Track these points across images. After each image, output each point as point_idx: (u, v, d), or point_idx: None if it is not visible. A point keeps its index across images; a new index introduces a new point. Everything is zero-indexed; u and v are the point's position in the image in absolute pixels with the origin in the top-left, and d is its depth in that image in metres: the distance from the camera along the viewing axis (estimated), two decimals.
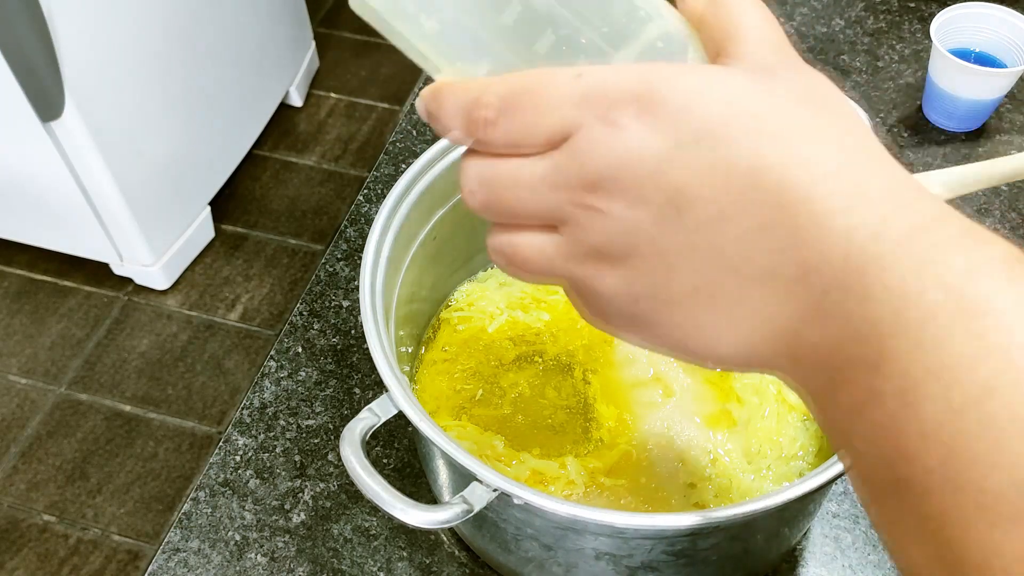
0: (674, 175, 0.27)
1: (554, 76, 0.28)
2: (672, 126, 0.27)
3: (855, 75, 0.96)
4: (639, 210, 0.28)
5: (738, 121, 0.27)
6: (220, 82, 1.81)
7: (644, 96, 0.27)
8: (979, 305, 0.24)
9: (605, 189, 0.28)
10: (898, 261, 0.25)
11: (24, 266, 1.88)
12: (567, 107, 0.28)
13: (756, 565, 0.60)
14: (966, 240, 0.25)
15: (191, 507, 0.68)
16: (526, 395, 0.65)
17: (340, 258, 0.82)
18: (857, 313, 0.25)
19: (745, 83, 0.28)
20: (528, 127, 0.28)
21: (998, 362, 0.23)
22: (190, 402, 1.68)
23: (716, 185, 0.27)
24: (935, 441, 0.24)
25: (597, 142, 0.28)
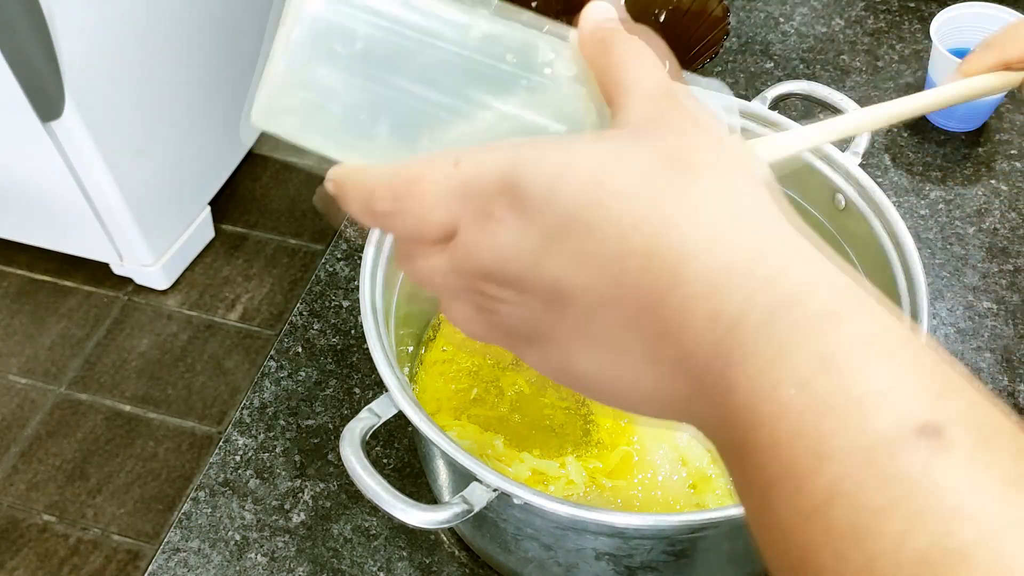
0: (549, 267, 0.27)
1: (433, 164, 0.29)
2: (540, 217, 0.27)
3: (855, 75, 0.96)
4: (528, 300, 0.28)
5: (600, 205, 0.27)
6: (220, 82, 1.81)
7: (511, 187, 0.27)
8: (827, 402, 0.23)
9: (495, 280, 0.28)
10: (756, 350, 0.24)
11: (24, 266, 1.88)
12: (449, 201, 0.28)
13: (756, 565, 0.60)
14: (826, 319, 0.24)
15: (191, 507, 0.68)
16: (526, 395, 0.65)
17: (340, 258, 0.82)
18: (726, 403, 0.25)
19: (609, 156, 0.27)
20: (420, 223, 0.29)
21: (840, 467, 0.23)
22: (190, 402, 1.68)
23: (589, 274, 0.27)
24: (791, 543, 0.24)
25: (479, 239, 0.28)
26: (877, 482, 0.22)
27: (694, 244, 0.26)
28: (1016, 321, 0.77)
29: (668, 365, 0.27)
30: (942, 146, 0.90)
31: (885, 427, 0.23)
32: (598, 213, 0.26)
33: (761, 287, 0.25)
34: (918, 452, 0.22)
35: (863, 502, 0.22)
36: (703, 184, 0.27)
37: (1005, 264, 0.81)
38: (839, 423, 0.23)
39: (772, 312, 0.25)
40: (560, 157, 0.28)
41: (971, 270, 0.80)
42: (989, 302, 0.78)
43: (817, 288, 0.25)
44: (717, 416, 0.26)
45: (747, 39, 1.00)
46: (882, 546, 0.22)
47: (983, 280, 0.80)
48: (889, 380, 0.23)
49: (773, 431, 0.24)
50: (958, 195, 0.85)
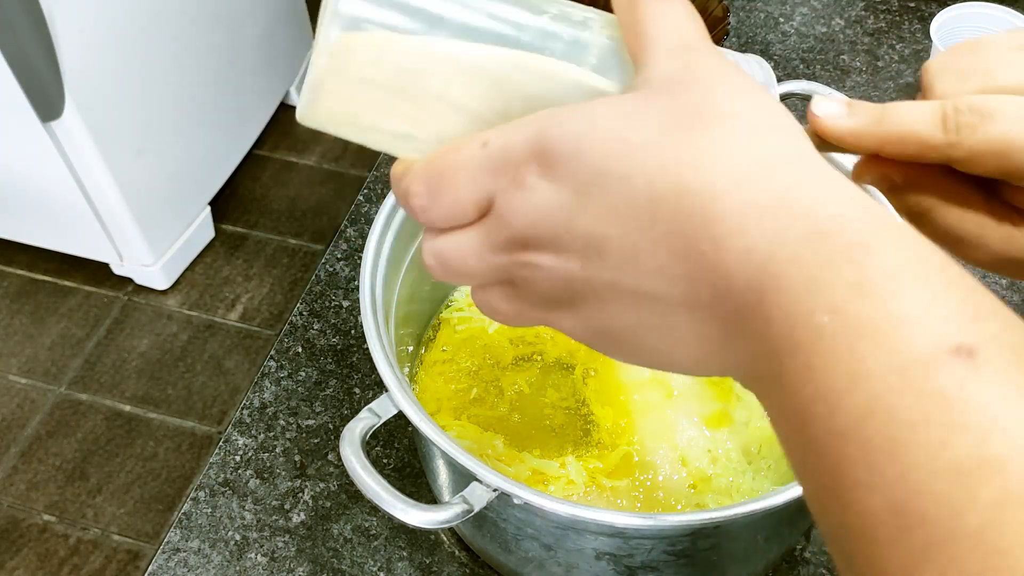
0: (583, 222, 0.28)
1: (462, 152, 0.30)
2: (570, 175, 0.28)
3: (855, 75, 0.96)
4: (566, 259, 0.29)
5: (628, 155, 0.27)
6: (220, 82, 1.81)
7: (540, 152, 0.28)
8: (862, 326, 0.24)
9: (532, 246, 0.29)
10: (790, 281, 0.25)
11: (24, 266, 1.88)
12: (481, 178, 0.29)
13: (756, 565, 0.60)
14: (858, 249, 0.25)
15: (191, 507, 0.68)
16: (526, 395, 0.65)
17: (340, 258, 0.82)
18: (762, 333, 0.26)
19: (633, 110, 0.28)
20: (455, 205, 0.30)
21: (875, 386, 0.23)
22: (190, 402, 1.68)
23: (622, 224, 0.27)
24: (826, 462, 0.24)
25: (513, 205, 0.29)
26: (912, 398, 0.23)
27: (722, 184, 0.26)
28: None
29: (704, 307, 0.27)
30: None
31: (919, 348, 0.23)
32: (625, 163, 0.27)
33: (793, 222, 0.26)
34: (953, 370, 0.23)
35: (898, 417, 0.23)
36: (727, 129, 0.27)
37: None
38: (873, 345, 0.24)
39: (805, 244, 0.25)
40: (584, 116, 0.28)
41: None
42: None
43: (849, 220, 0.26)
44: (752, 350, 0.26)
45: (747, 39, 1.00)
46: (917, 458, 0.22)
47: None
48: (923, 304, 0.24)
49: (808, 356, 0.24)
50: None
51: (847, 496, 0.24)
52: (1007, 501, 0.21)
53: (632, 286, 0.28)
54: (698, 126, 0.27)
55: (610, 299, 0.29)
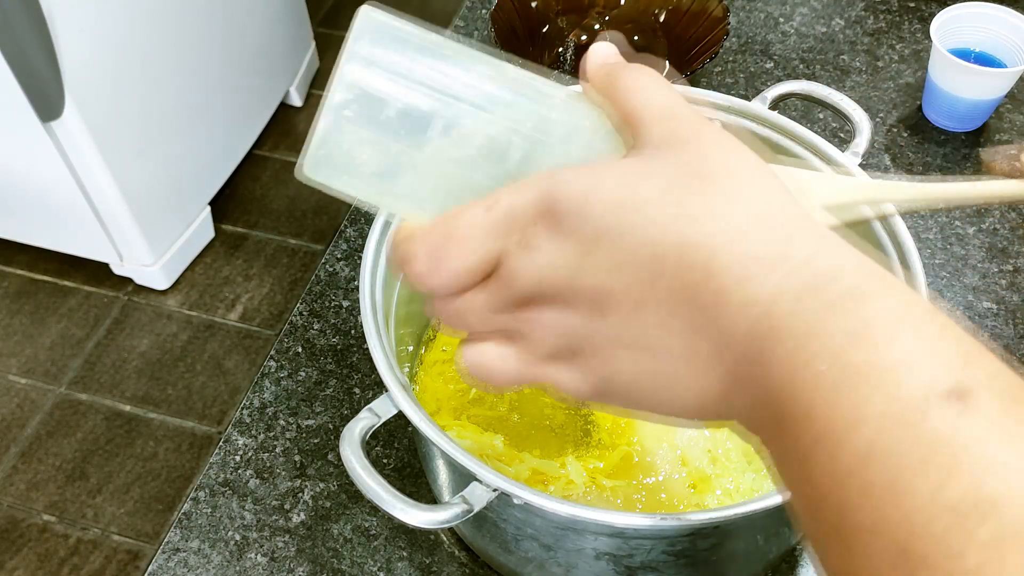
0: (587, 278, 0.29)
1: (467, 215, 0.30)
2: (575, 232, 0.29)
3: (855, 75, 0.96)
4: (569, 314, 0.30)
5: (630, 212, 0.28)
6: (220, 82, 1.81)
7: (546, 212, 0.29)
8: (860, 372, 0.25)
9: (536, 303, 0.30)
10: (789, 332, 0.26)
11: (24, 266, 1.88)
12: (486, 240, 0.30)
13: (756, 565, 0.60)
14: (854, 299, 0.26)
15: (191, 507, 0.68)
16: (526, 395, 0.65)
17: (340, 258, 0.82)
18: (762, 382, 0.27)
19: (633, 171, 0.29)
20: (458, 270, 0.31)
21: (874, 430, 0.24)
22: (190, 402, 1.68)
23: (625, 280, 0.28)
24: (830, 505, 0.25)
25: (519, 265, 0.30)
26: (910, 442, 0.24)
27: (722, 238, 0.27)
28: (1016, 321, 0.77)
29: (705, 357, 0.28)
30: (942, 146, 0.90)
31: (916, 392, 0.24)
32: (629, 220, 0.28)
33: (791, 273, 0.27)
34: (947, 413, 0.24)
35: (898, 460, 0.24)
36: (724, 187, 0.29)
37: (1005, 264, 0.81)
38: (871, 389, 0.24)
39: (802, 294, 0.26)
40: (589, 175, 0.29)
41: (971, 270, 0.80)
42: (989, 302, 0.78)
43: (844, 270, 0.27)
44: (754, 398, 0.27)
45: (747, 39, 1.00)
46: (917, 500, 0.23)
47: (983, 280, 0.80)
48: (917, 350, 0.25)
49: (809, 402, 0.25)
50: None
51: (851, 539, 0.24)
52: (1003, 539, 0.22)
53: (634, 339, 0.29)
54: (696, 184, 0.29)
55: (612, 352, 0.30)
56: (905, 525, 0.23)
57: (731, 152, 0.30)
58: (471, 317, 0.32)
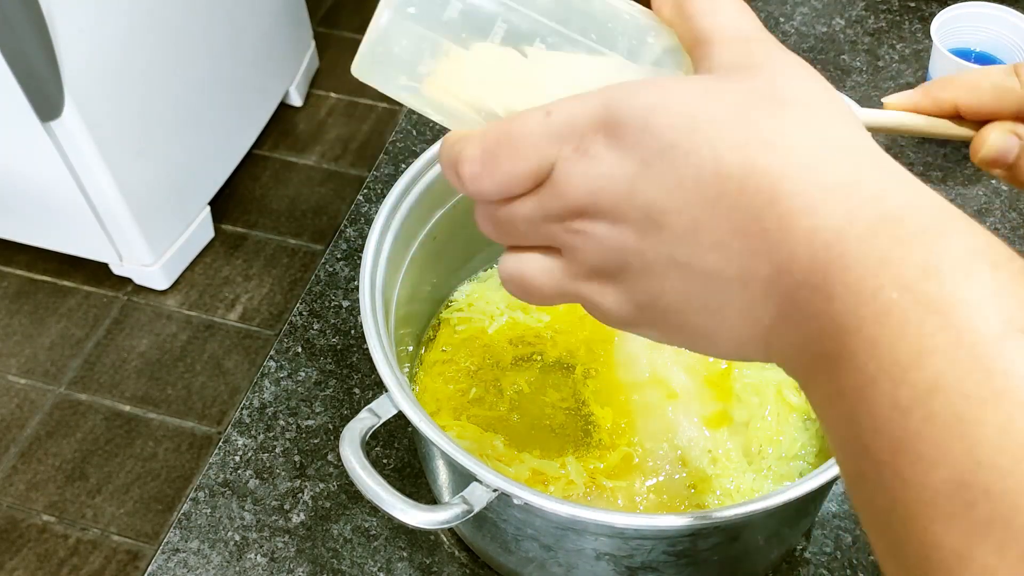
0: (645, 192, 0.28)
1: (526, 119, 0.30)
2: (637, 146, 0.28)
3: (855, 75, 0.96)
4: (622, 229, 0.29)
5: (696, 131, 0.27)
6: (220, 82, 1.81)
7: (608, 122, 0.28)
8: (932, 303, 0.24)
9: (588, 215, 0.29)
10: (858, 259, 0.25)
11: (24, 266, 1.88)
12: (543, 146, 0.29)
13: (756, 565, 0.60)
14: (928, 234, 0.25)
15: (191, 507, 0.68)
16: (526, 395, 0.65)
17: (340, 258, 0.82)
18: (823, 311, 0.26)
19: (703, 90, 0.28)
20: (511, 174, 0.30)
21: (943, 361, 0.23)
22: (190, 402, 1.68)
23: (685, 197, 0.28)
24: (885, 437, 0.24)
25: (574, 173, 0.29)
26: (981, 375, 0.23)
27: (792, 165, 0.27)
28: None
29: (759, 284, 0.27)
30: (942, 146, 0.89)
31: (989, 327, 0.23)
32: (694, 138, 0.27)
33: (862, 205, 0.26)
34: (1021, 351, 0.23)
35: (967, 392, 0.23)
36: (797, 114, 0.28)
37: None
38: (943, 321, 0.24)
39: (874, 227, 0.25)
40: (654, 92, 0.29)
41: None
42: None
43: (918, 208, 0.26)
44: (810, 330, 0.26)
45: None
46: (985, 433, 0.23)
47: None
48: (993, 288, 0.24)
49: (873, 331, 0.25)
50: (959, 195, 0.85)
51: (907, 471, 0.24)
52: None
53: (687, 260, 0.28)
54: (767, 109, 0.28)
55: (661, 272, 0.29)
56: (969, 457, 0.22)
57: (806, 80, 0.29)
58: (519, 225, 0.31)
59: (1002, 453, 0.22)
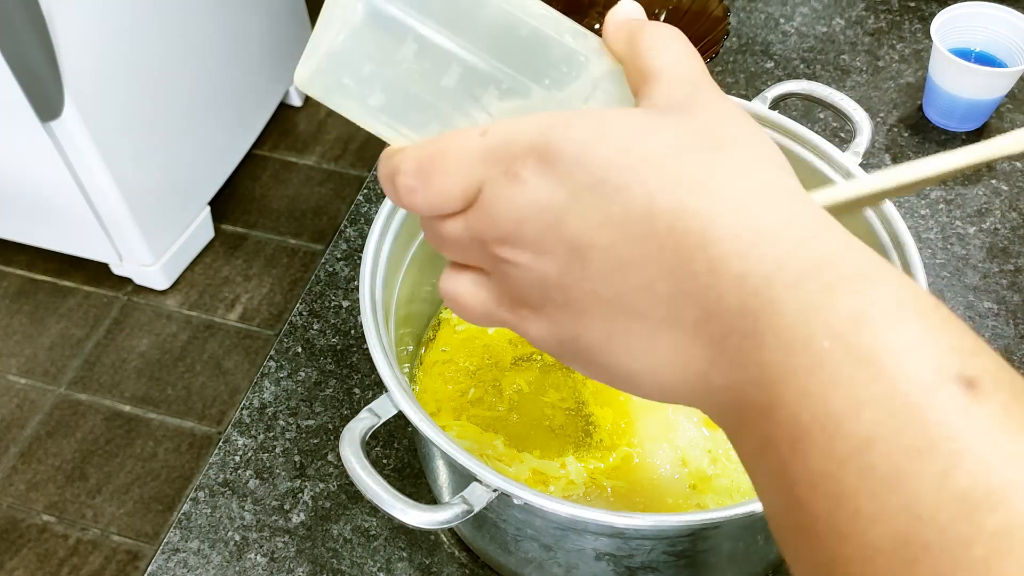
0: (572, 226, 0.27)
1: (460, 137, 0.29)
2: (568, 177, 0.27)
3: (855, 75, 0.96)
4: (545, 261, 0.28)
5: (630, 167, 0.27)
6: (220, 82, 1.81)
7: (541, 148, 0.28)
8: (863, 353, 0.24)
9: (512, 242, 0.29)
10: (788, 306, 0.25)
11: (24, 266, 1.88)
12: (474, 165, 0.29)
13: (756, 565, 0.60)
14: (858, 281, 0.25)
15: (191, 507, 0.68)
16: (526, 395, 0.65)
17: (340, 258, 0.82)
18: (753, 359, 0.25)
19: (641, 125, 0.28)
20: (441, 191, 0.29)
21: (878, 412, 0.23)
22: (190, 402, 1.68)
23: (613, 234, 0.27)
24: (822, 492, 0.24)
25: (501, 197, 0.28)
26: (916, 426, 0.23)
27: (723, 207, 0.26)
28: (1016, 321, 0.77)
29: (688, 328, 0.27)
30: (943, 146, 0.89)
31: (923, 376, 0.23)
32: (627, 175, 0.27)
33: (792, 250, 0.26)
34: (955, 400, 0.23)
35: (903, 445, 0.23)
36: (732, 155, 0.28)
37: (1006, 264, 0.81)
38: (876, 371, 0.23)
39: (803, 273, 0.25)
40: (592, 123, 0.28)
41: (972, 270, 0.80)
42: (990, 302, 0.78)
43: (847, 255, 0.26)
44: (739, 376, 0.26)
45: (747, 39, 1.00)
46: (922, 486, 0.22)
47: (984, 280, 0.80)
48: (924, 336, 0.24)
49: (806, 382, 0.24)
50: (959, 195, 0.85)
51: (845, 526, 0.23)
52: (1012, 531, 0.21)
53: (611, 299, 0.28)
54: (702, 149, 0.27)
55: (583, 309, 0.28)
56: (907, 512, 0.22)
57: (742, 125, 0.29)
58: (450, 244, 0.31)
59: (940, 508, 0.22)
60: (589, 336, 0.29)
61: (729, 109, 0.29)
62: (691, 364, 0.27)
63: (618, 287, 0.28)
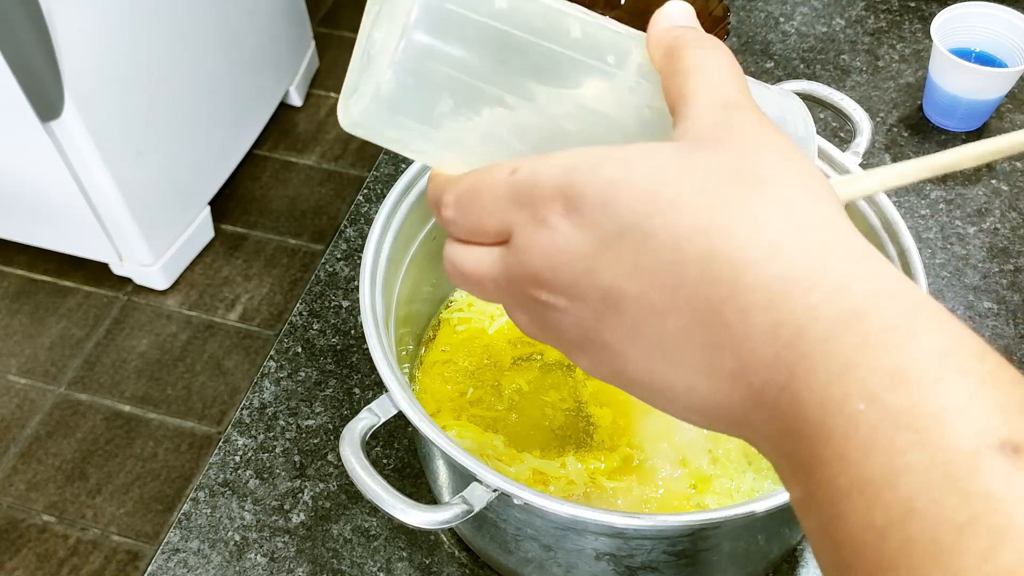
0: (603, 274, 0.27)
1: (491, 175, 0.29)
2: (595, 224, 0.27)
3: (855, 75, 0.96)
4: (580, 307, 0.28)
5: (658, 213, 0.26)
6: (220, 82, 1.81)
7: (567, 192, 0.27)
8: (901, 416, 0.23)
9: (547, 287, 0.29)
10: (822, 362, 0.24)
11: (24, 266, 1.88)
12: (504, 206, 0.29)
13: (756, 565, 0.60)
14: (897, 334, 0.24)
15: (191, 507, 0.68)
16: (526, 395, 0.65)
17: (340, 258, 0.82)
18: (790, 414, 0.25)
19: (669, 164, 0.27)
20: (477, 225, 0.30)
21: (917, 482, 0.22)
22: (190, 402, 1.68)
23: (644, 282, 0.27)
24: (862, 558, 0.23)
25: (531, 243, 0.28)
26: (958, 498, 0.22)
27: (753, 254, 0.25)
28: (1017, 321, 0.77)
29: (724, 376, 0.26)
30: (943, 146, 0.89)
31: (964, 443, 0.22)
32: (654, 222, 0.26)
33: (825, 299, 0.25)
34: (999, 468, 0.22)
35: (943, 517, 0.22)
36: (764, 195, 0.26)
37: (1006, 264, 0.81)
38: (915, 437, 0.22)
39: (837, 325, 0.24)
40: (617, 166, 0.27)
41: (972, 270, 0.80)
42: (990, 302, 0.78)
43: (885, 302, 0.24)
44: (778, 428, 0.25)
45: (747, 39, 1.00)
46: (965, 562, 0.21)
47: (984, 280, 0.80)
48: (965, 396, 0.23)
49: (843, 445, 0.23)
50: (959, 195, 0.85)
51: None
52: None
53: (648, 345, 0.27)
54: (733, 189, 0.26)
55: (622, 352, 0.28)
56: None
57: (781, 156, 0.28)
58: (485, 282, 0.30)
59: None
60: (630, 375, 0.29)
61: (766, 138, 0.28)
62: (733, 407, 0.27)
63: (652, 334, 0.27)
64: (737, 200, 0.26)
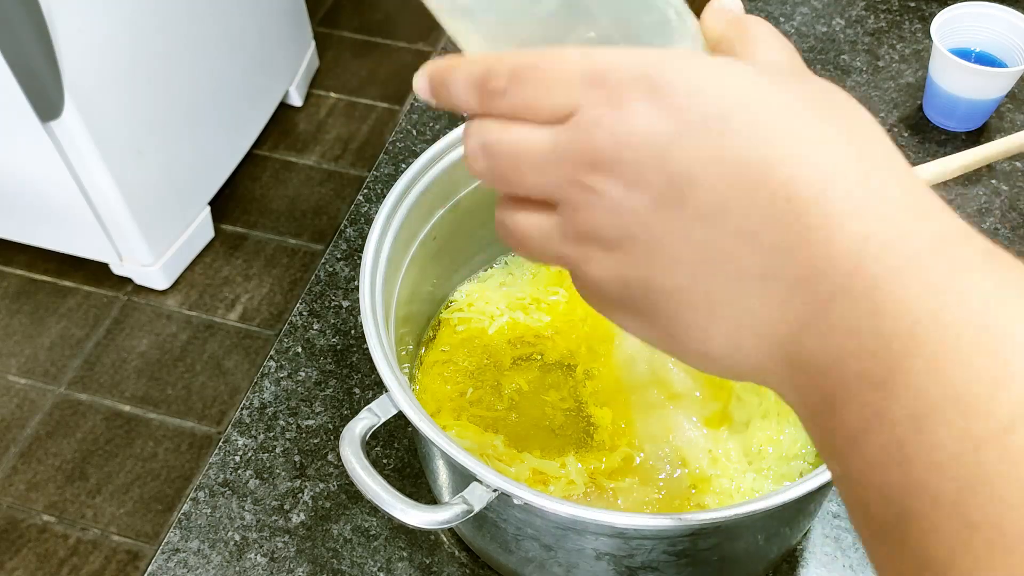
0: (678, 159, 0.26)
1: (564, 53, 0.28)
2: (681, 109, 0.26)
3: (855, 75, 0.96)
4: (637, 193, 0.26)
5: (750, 111, 0.25)
6: (220, 82, 1.81)
7: (654, 77, 0.26)
8: (1004, 330, 0.22)
9: (605, 169, 0.27)
10: (915, 277, 0.23)
11: (24, 266, 1.88)
12: (575, 85, 0.27)
13: (756, 565, 0.60)
14: (989, 261, 0.24)
15: (191, 507, 0.68)
16: (526, 395, 0.65)
17: (340, 258, 0.82)
18: (866, 326, 0.24)
19: (759, 78, 0.27)
20: (535, 99, 0.28)
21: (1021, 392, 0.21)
22: (190, 402, 1.68)
23: (721, 174, 0.25)
24: (949, 473, 0.22)
25: (602, 121, 0.26)
26: None
27: (847, 167, 0.25)
28: None
29: (784, 284, 0.25)
30: (943, 146, 0.89)
31: None
32: (747, 116, 0.25)
33: (916, 223, 0.24)
34: None
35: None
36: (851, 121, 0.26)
37: None
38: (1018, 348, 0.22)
39: (931, 248, 0.24)
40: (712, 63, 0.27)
41: None
42: None
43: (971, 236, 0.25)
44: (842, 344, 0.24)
45: None
46: None
47: None
48: None
49: (936, 355, 0.22)
50: (959, 195, 0.85)
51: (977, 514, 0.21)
52: None
53: (701, 243, 0.26)
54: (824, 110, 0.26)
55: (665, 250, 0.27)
56: None
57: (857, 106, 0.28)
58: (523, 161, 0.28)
59: None
60: (663, 281, 0.27)
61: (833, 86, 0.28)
62: (780, 325, 0.26)
63: (713, 230, 0.26)
64: (829, 121, 0.26)
